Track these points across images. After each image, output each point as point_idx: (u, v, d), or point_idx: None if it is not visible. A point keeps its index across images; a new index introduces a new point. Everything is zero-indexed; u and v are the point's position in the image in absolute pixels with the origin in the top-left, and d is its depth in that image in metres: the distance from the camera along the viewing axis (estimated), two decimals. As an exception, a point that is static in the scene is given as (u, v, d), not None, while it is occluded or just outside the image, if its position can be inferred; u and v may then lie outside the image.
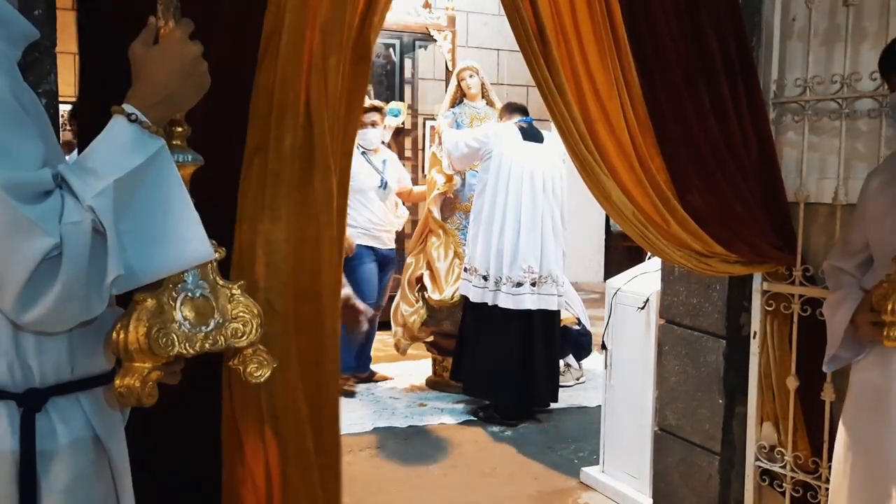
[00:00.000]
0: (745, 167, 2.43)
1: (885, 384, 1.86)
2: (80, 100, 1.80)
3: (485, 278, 4.17)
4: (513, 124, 4.22)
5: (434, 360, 4.95)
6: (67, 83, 2.54)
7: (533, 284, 4.12)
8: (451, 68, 5.36)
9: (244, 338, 1.09)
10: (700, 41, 2.35)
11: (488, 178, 4.17)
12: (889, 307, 1.76)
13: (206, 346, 1.07)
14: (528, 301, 4.13)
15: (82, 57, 1.78)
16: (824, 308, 2.06)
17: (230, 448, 1.79)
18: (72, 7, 1.83)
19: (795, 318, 2.45)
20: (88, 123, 1.76)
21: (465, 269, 4.32)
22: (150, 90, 1.06)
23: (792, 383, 2.47)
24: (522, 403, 4.27)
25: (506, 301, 4.12)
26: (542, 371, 4.26)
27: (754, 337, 2.58)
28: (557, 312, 4.34)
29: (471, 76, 4.68)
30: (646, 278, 3.22)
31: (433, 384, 4.90)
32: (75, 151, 2.14)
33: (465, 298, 4.34)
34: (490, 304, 4.15)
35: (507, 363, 4.18)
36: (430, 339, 4.80)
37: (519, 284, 4.11)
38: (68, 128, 4.74)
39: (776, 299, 2.51)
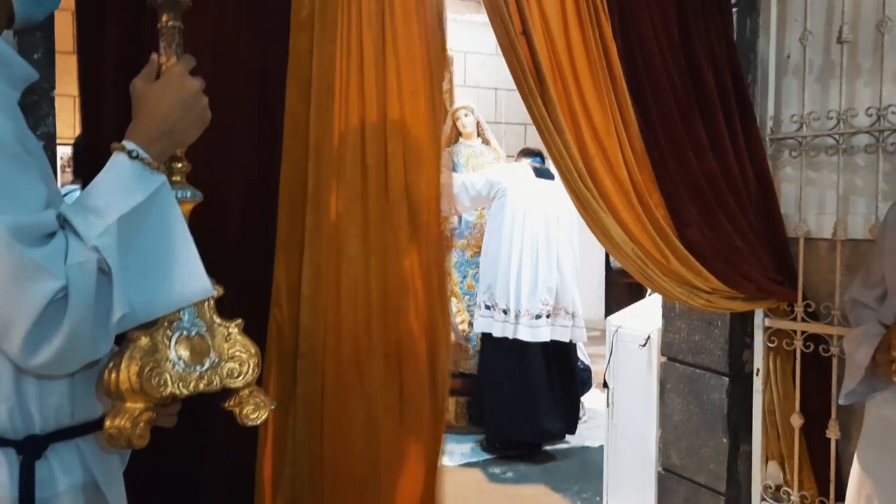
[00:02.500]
0: (744, 202, 2.43)
1: None
2: (81, 142, 1.81)
3: (505, 312, 4.20)
4: (525, 163, 4.33)
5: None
6: (67, 125, 2.56)
7: (548, 316, 4.16)
8: (448, 107, 5.40)
9: (240, 378, 1.07)
10: (696, 77, 2.37)
11: (504, 215, 4.24)
12: (896, 344, 1.75)
13: (201, 386, 1.05)
14: (545, 333, 4.16)
15: (83, 98, 1.79)
16: (844, 343, 2.05)
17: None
18: (72, 51, 1.85)
19: (798, 355, 2.43)
20: (88, 164, 1.78)
21: (487, 307, 4.31)
22: (150, 125, 1.05)
23: (796, 421, 2.43)
24: (540, 436, 4.28)
25: (525, 333, 4.16)
26: (558, 404, 4.26)
27: (757, 374, 2.55)
28: (573, 346, 4.36)
29: (466, 115, 4.73)
30: (647, 315, 3.20)
31: (433, 424, 4.83)
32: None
33: (484, 338, 4.34)
34: (511, 337, 4.18)
35: (528, 396, 4.18)
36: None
37: (537, 317, 4.15)
38: (67, 169, 4.75)
39: (778, 335, 2.49)
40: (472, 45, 7.22)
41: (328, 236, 1.94)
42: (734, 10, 2.51)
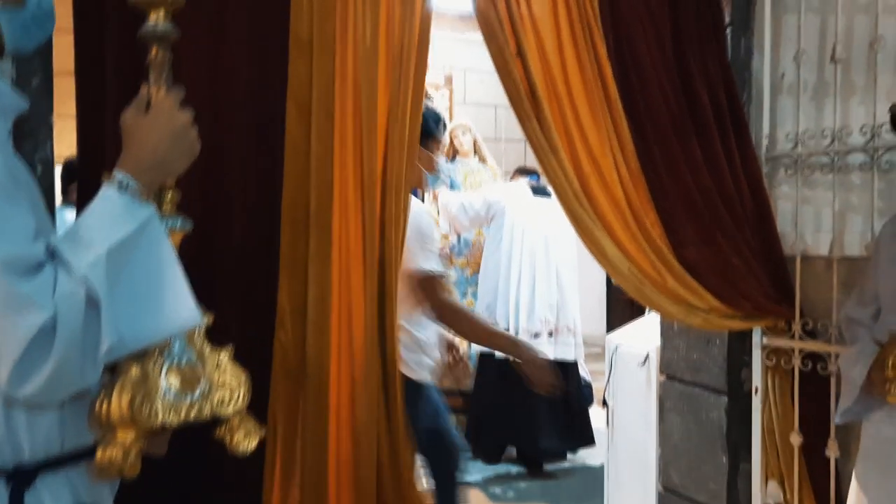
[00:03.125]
0: (741, 220, 2.43)
1: None
2: (71, 164, 1.83)
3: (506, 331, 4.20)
4: (522, 182, 4.35)
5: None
6: (69, 145, 2.57)
7: (550, 335, 4.15)
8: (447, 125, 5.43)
9: (230, 406, 1.07)
10: (691, 96, 2.38)
11: (502, 234, 4.25)
12: (890, 363, 1.75)
13: (192, 414, 1.05)
14: (546, 351, 4.14)
15: (81, 121, 1.81)
16: (840, 361, 2.05)
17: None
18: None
19: (796, 373, 2.42)
20: (86, 186, 1.80)
21: None
22: (140, 156, 1.06)
23: (795, 440, 2.43)
24: (540, 454, 4.27)
25: None
26: (558, 423, 4.25)
27: (756, 392, 2.54)
28: (575, 364, 4.35)
29: (463, 133, 4.77)
30: (646, 333, 3.20)
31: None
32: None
33: (481, 359, 4.33)
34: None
35: (527, 415, 4.18)
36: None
37: (536, 335, 4.14)
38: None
39: (776, 354, 2.49)
40: (472, 63, 7.24)
41: (331, 258, 1.95)
42: (728, 29, 2.52)
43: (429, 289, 2.48)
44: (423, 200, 2.77)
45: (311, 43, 1.93)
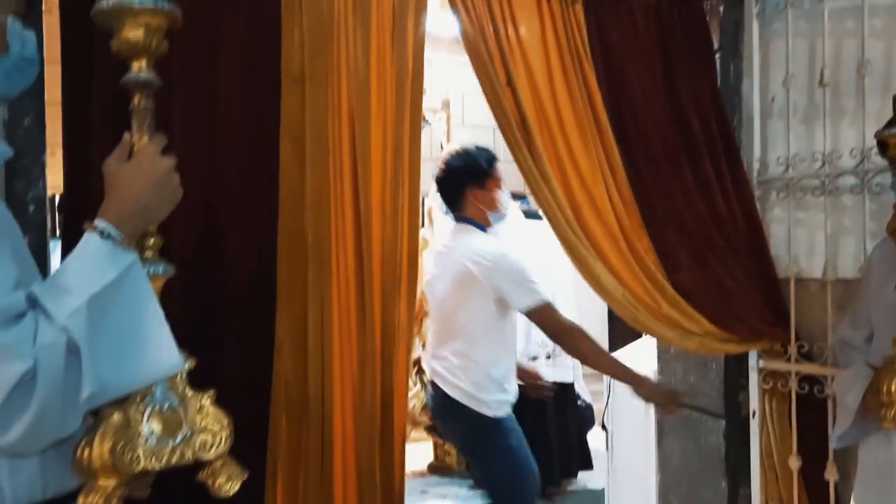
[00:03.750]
0: (734, 244, 2.43)
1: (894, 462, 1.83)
2: (65, 199, 1.84)
3: None
4: (514, 206, 4.34)
5: (435, 444, 4.87)
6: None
7: (548, 357, 4.14)
8: (443, 147, 5.45)
9: (213, 450, 1.07)
10: (681, 122, 2.39)
11: None
12: (885, 388, 1.74)
13: (174, 460, 1.05)
14: (544, 374, 4.12)
15: (68, 153, 1.82)
16: (834, 384, 2.04)
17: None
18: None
19: (793, 396, 2.41)
20: (73, 218, 1.80)
21: None
22: (122, 204, 1.07)
23: (794, 463, 2.41)
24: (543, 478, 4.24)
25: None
26: (555, 447, 4.22)
27: (753, 416, 2.53)
28: (572, 385, 4.33)
29: None
30: (644, 356, 3.19)
31: (435, 469, 4.81)
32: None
33: None
34: None
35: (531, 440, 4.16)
36: (431, 422, 4.74)
37: (534, 358, 4.13)
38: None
39: (773, 377, 2.48)
40: (470, 86, 7.28)
41: (330, 289, 1.96)
42: (717, 54, 2.54)
43: (546, 318, 2.53)
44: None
45: (303, 77, 1.95)
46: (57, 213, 3.86)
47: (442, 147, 5.68)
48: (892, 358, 1.74)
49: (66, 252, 1.67)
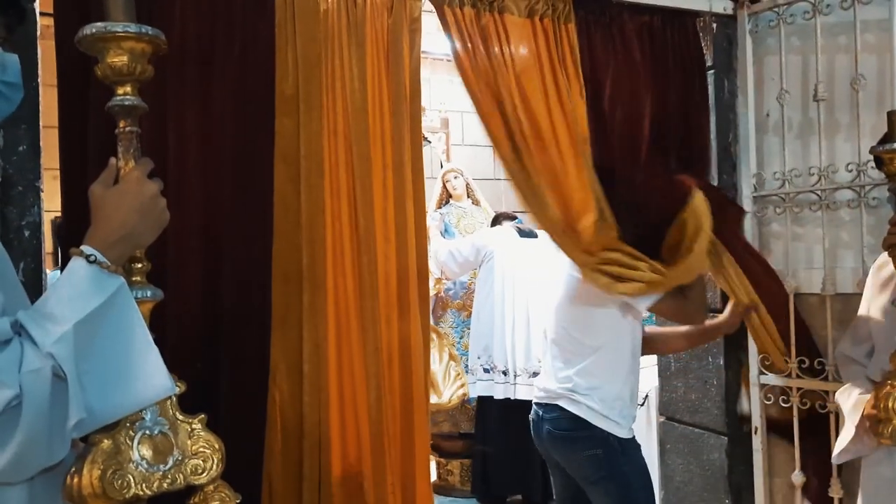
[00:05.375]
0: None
1: None
2: (61, 225, 1.84)
3: (504, 373, 4.17)
4: (508, 226, 4.35)
5: (438, 464, 4.84)
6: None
7: None
8: (441, 167, 5.47)
9: (204, 475, 1.06)
10: (672, 139, 2.39)
11: (493, 278, 4.24)
12: (882, 404, 1.73)
13: (165, 485, 1.04)
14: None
15: (63, 177, 1.83)
16: (837, 399, 2.03)
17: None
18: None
19: (795, 412, 2.40)
20: (70, 244, 1.80)
21: (486, 370, 4.27)
22: (108, 229, 1.06)
23: (798, 479, 2.39)
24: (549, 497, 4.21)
25: (522, 392, 4.10)
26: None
27: (755, 432, 2.51)
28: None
29: (455, 177, 4.81)
30: (645, 372, 3.17)
31: (437, 488, 4.77)
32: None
33: (481, 402, 4.29)
34: (512, 398, 4.13)
35: (525, 454, 4.12)
36: (430, 441, 4.72)
37: (535, 374, 4.12)
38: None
39: (774, 392, 2.47)
40: (468, 105, 7.32)
41: (327, 313, 1.95)
42: (711, 72, 2.55)
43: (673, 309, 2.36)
44: None
45: (297, 99, 1.96)
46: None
47: (441, 165, 5.70)
48: (890, 374, 1.73)
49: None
